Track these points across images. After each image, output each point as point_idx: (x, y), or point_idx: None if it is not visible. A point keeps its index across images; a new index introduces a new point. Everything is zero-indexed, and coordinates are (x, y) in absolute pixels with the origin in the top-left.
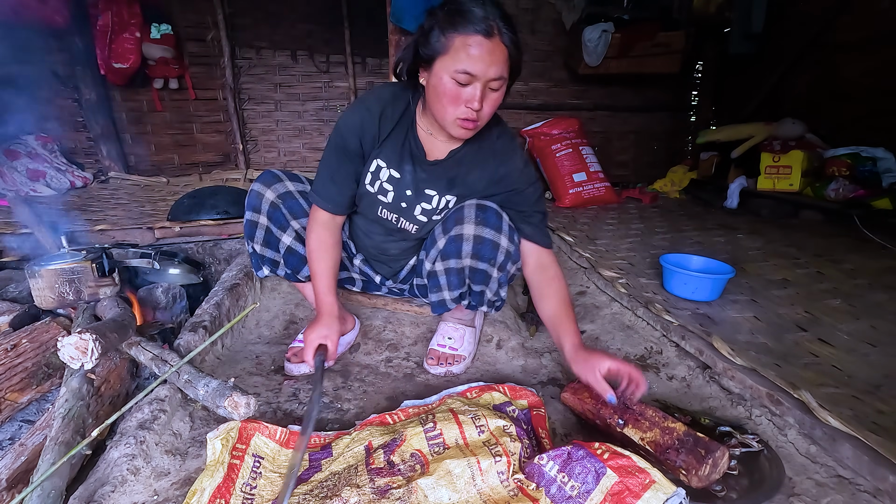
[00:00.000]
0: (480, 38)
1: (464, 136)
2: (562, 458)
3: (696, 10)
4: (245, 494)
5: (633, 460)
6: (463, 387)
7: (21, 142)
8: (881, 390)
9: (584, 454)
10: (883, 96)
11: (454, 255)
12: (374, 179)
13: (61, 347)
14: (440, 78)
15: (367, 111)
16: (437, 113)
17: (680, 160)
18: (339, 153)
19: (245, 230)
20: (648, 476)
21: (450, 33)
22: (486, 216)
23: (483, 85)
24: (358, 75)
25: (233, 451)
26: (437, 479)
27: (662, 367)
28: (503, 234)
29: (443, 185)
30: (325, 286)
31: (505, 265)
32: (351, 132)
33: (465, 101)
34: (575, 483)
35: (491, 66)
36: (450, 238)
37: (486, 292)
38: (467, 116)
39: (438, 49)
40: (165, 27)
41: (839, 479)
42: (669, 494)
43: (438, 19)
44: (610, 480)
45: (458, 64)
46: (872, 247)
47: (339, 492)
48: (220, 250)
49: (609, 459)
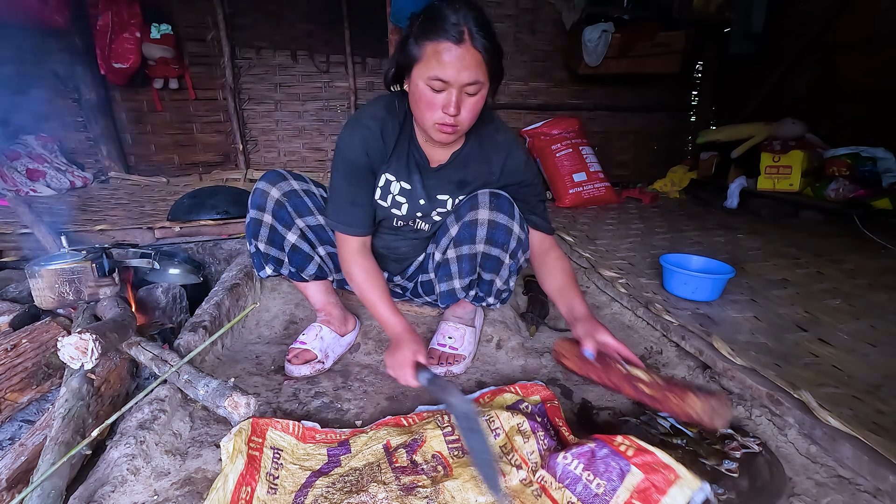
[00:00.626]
0: (450, 44)
1: (444, 140)
2: (586, 457)
3: (696, 10)
4: (269, 483)
5: (658, 456)
6: (476, 394)
7: (21, 142)
8: (881, 390)
9: (609, 452)
10: (883, 96)
11: (468, 241)
12: (384, 194)
13: (61, 347)
14: (417, 85)
15: (367, 129)
16: (418, 118)
17: (680, 160)
18: (351, 175)
19: (248, 229)
20: (673, 472)
21: (422, 41)
22: (499, 202)
23: (458, 90)
24: (358, 75)
25: (249, 442)
26: (462, 482)
27: (662, 367)
28: (515, 221)
29: (453, 188)
30: (386, 310)
31: (516, 252)
32: (358, 151)
33: (441, 106)
34: (601, 481)
35: (462, 72)
36: (464, 224)
37: (496, 281)
38: (444, 122)
39: (414, 56)
40: (165, 27)
41: (839, 479)
42: (695, 489)
43: (414, 28)
44: (635, 478)
45: (431, 71)
46: (872, 247)
47: (366, 487)
48: (220, 250)
49: (634, 456)
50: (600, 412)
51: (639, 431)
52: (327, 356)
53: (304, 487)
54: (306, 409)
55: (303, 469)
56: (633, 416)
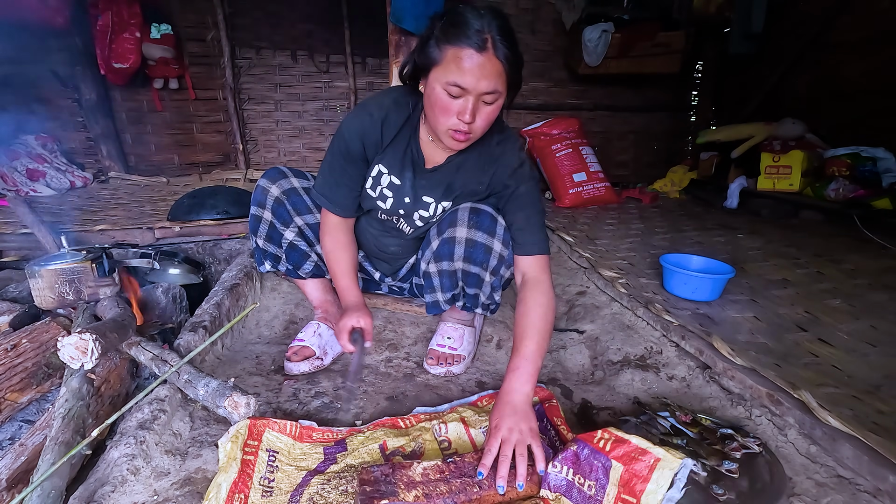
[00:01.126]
0: (472, 51)
1: (456, 147)
2: (571, 460)
3: (696, 10)
4: (264, 487)
5: (634, 443)
6: (474, 397)
7: (21, 142)
8: (881, 390)
9: (590, 451)
10: (883, 96)
11: (447, 258)
12: (374, 184)
13: (61, 347)
14: (433, 88)
15: (369, 116)
16: (431, 122)
17: (680, 160)
18: (344, 157)
19: (250, 225)
20: (652, 455)
21: (444, 44)
22: (479, 219)
23: (475, 98)
24: (358, 75)
25: (244, 447)
26: None
27: (662, 367)
28: (496, 238)
29: (440, 192)
30: (347, 282)
31: (498, 269)
32: (353, 136)
33: (457, 113)
34: (590, 482)
35: (482, 80)
36: (443, 240)
37: (480, 295)
38: (458, 128)
39: (433, 59)
40: (165, 27)
41: (839, 479)
42: (676, 469)
43: (436, 29)
44: (618, 471)
45: (450, 76)
46: (872, 247)
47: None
48: (220, 250)
49: (612, 451)
50: (600, 412)
51: (639, 431)
52: (326, 353)
53: (300, 487)
54: (306, 409)
55: (299, 469)
56: (633, 416)
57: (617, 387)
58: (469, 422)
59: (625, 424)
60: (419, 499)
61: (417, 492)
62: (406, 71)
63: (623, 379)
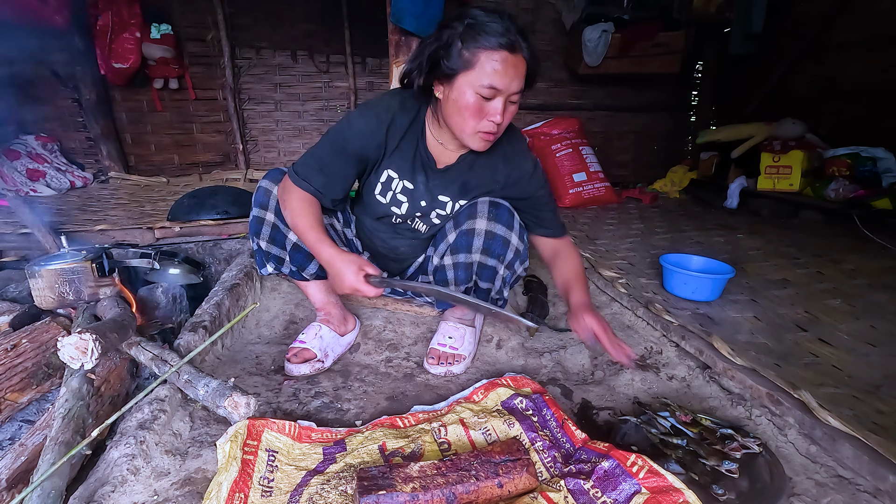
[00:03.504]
0: (506, 53)
1: (483, 147)
2: (597, 475)
3: (696, 10)
4: (263, 487)
5: (669, 480)
6: (469, 389)
7: (21, 142)
8: (881, 390)
9: (621, 472)
10: (883, 96)
11: (464, 250)
12: (384, 190)
13: (61, 347)
14: (463, 92)
15: (376, 118)
16: (455, 125)
17: (680, 160)
18: (337, 150)
19: (251, 227)
20: (682, 496)
21: (474, 48)
22: (498, 213)
23: (505, 98)
24: (358, 75)
25: (244, 447)
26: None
27: (662, 367)
28: (514, 232)
29: (455, 191)
30: (317, 236)
31: (513, 263)
32: (356, 135)
33: (488, 114)
34: (607, 499)
35: (514, 80)
36: (461, 232)
37: (491, 290)
38: (489, 130)
39: (462, 64)
40: (165, 27)
41: (839, 479)
42: None
43: (459, 33)
44: (643, 498)
45: (485, 79)
46: (872, 247)
47: None
48: (220, 250)
49: (644, 479)
50: (600, 412)
51: (639, 431)
52: (327, 355)
53: (300, 487)
54: (306, 409)
55: (298, 469)
56: (633, 416)
57: (617, 387)
58: (468, 423)
59: (625, 424)
60: (416, 490)
61: (415, 484)
62: (415, 77)
63: (623, 379)
